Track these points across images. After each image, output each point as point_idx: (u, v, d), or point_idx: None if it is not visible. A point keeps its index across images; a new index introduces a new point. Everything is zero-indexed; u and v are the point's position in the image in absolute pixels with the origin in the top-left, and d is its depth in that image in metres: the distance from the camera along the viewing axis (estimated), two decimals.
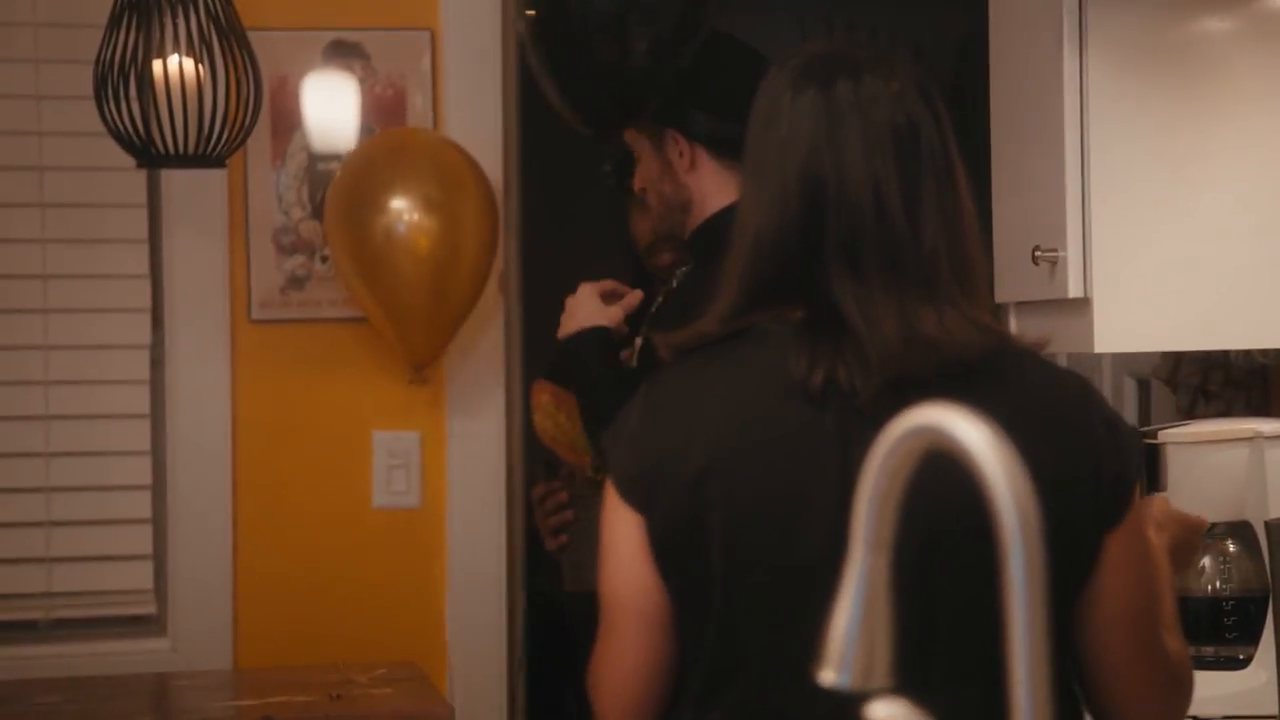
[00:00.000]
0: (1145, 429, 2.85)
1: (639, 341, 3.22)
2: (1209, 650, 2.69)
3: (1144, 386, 3.74)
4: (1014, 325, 2.93)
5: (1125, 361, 3.74)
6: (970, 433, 1.17)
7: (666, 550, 1.95)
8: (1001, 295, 2.91)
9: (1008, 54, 2.86)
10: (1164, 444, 2.73)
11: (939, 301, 1.93)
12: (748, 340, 1.98)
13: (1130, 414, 3.80)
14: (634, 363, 3.26)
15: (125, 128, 3.23)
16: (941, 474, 1.34)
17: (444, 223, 3.60)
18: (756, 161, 2.01)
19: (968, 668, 1.87)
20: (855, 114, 1.97)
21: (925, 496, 1.42)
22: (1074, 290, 2.65)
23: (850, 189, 1.95)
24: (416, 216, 3.58)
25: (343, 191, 3.63)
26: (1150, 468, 2.76)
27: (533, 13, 3.44)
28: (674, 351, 2.03)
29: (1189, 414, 3.27)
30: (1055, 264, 2.66)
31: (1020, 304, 2.88)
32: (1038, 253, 2.68)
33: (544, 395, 3.48)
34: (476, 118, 3.79)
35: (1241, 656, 2.69)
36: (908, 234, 1.95)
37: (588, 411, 3.22)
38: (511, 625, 3.77)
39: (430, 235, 3.59)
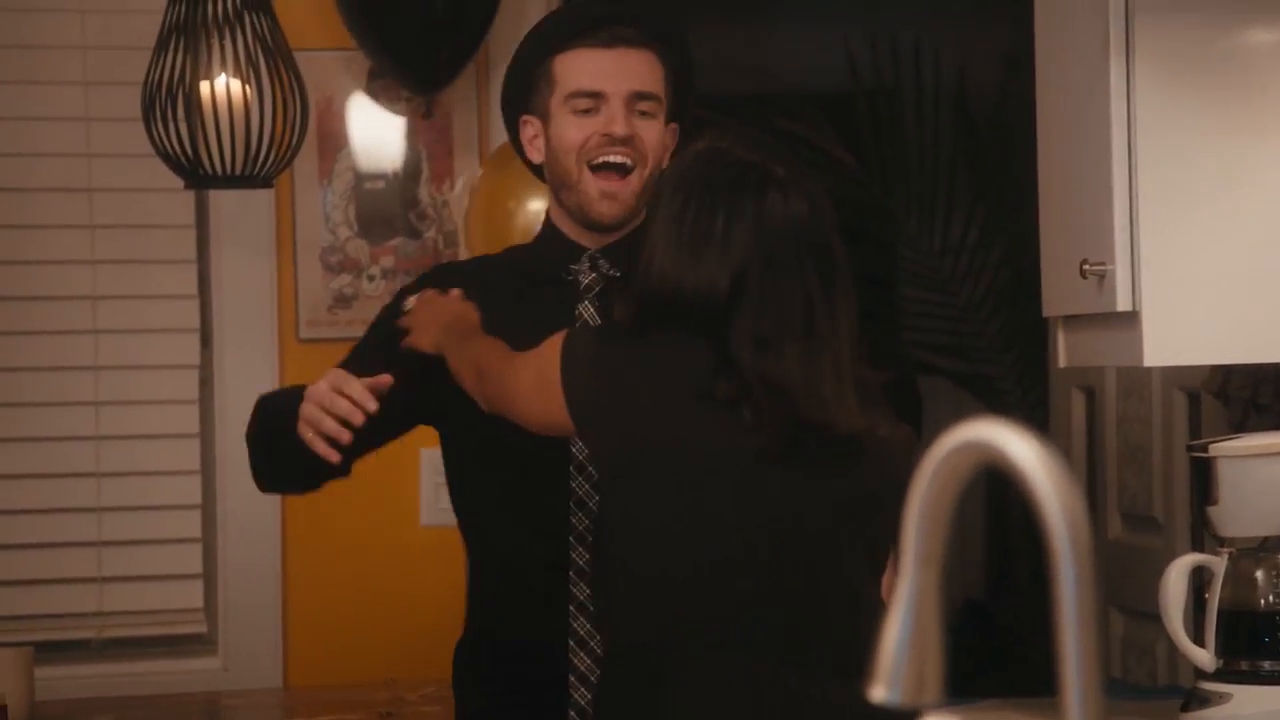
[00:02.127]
0: (1195, 443, 2.84)
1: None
2: (1266, 664, 2.67)
3: (1194, 400, 3.72)
4: (1062, 339, 2.91)
5: (1175, 375, 3.72)
6: (1021, 448, 1.16)
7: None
8: (1049, 309, 2.90)
9: (1054, 67, 2.85)
10: (1215, 457, 2.71)
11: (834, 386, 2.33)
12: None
13: (1180, 427, 3.78)
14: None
15: (173, 149, 3.24)
16: None
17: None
18: (679, 230, 2.34)
19: None
20: (788, 228, 2.34)
21: None
22: (1122, 304, 2.63)
23: (776, 294, 2.32)
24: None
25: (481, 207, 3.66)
26: (1201, 481, 2.74)
27: None
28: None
29: (1239, 427, 3.25)
30: (1104, 277, 2.65)
31: (1068, 318, 2.87)
32: (1086, 266, 2.66)
33: None
34: None
35: None
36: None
37: None
38: None
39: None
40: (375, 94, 3.79)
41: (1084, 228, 2.73)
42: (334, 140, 3.76)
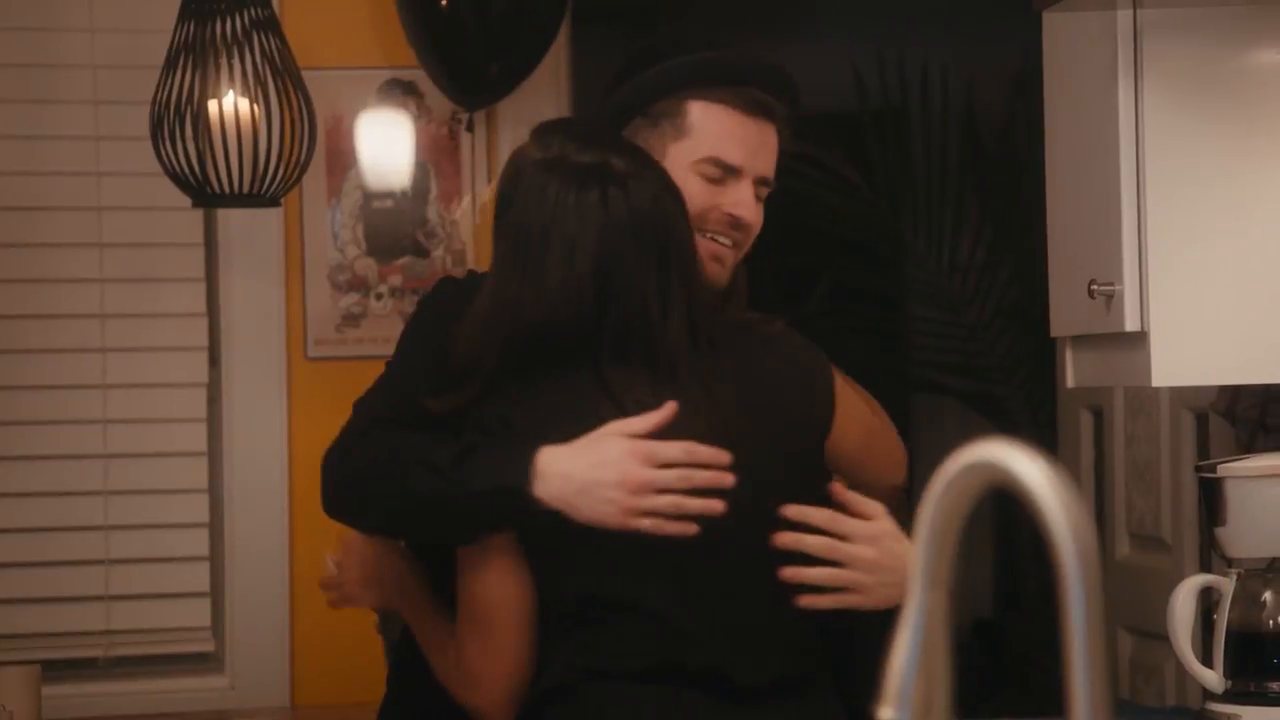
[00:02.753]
0: (1204, 463, 2.83)
1: None
2: (1274, 685, 2.67)
3: (1201, 420, 3.72)
4: (1070, 359, 2.91)
5: (1182, 395, 3.71)
6: (1028, 468, 1.16)
7: None
8: (1057, 329, 2.89)
9: (1062, 87, 2.85)
10: (1223, 478, 2.71)
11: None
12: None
13: (1188, 447, 3.78)
14: None
15: (181, 168, 3.25)
16: None
17: None
18: (527, 251, 2.34)
19: None
20: (630, 221, 2.33)
21: None
22: (1131, 324, 2.63)
23: (628, 293, 2.32)
24: None
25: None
26: (1209, 501, 2.74)
27: None
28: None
29: (1248, 448, 3.25)
30: (1112, 297, 2.65)
31: (1076, 338, 2.87)
32: (1094, 286, 2.66)
33: None
34: None
35: None
36: (660, 328, 2.33)
37: None
38: None
39: None
40: (391, 105, 3.79)
41: (1092, 248, 2.73)
42: (342, 159, 3.77)
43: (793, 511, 2.32)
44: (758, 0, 5.44)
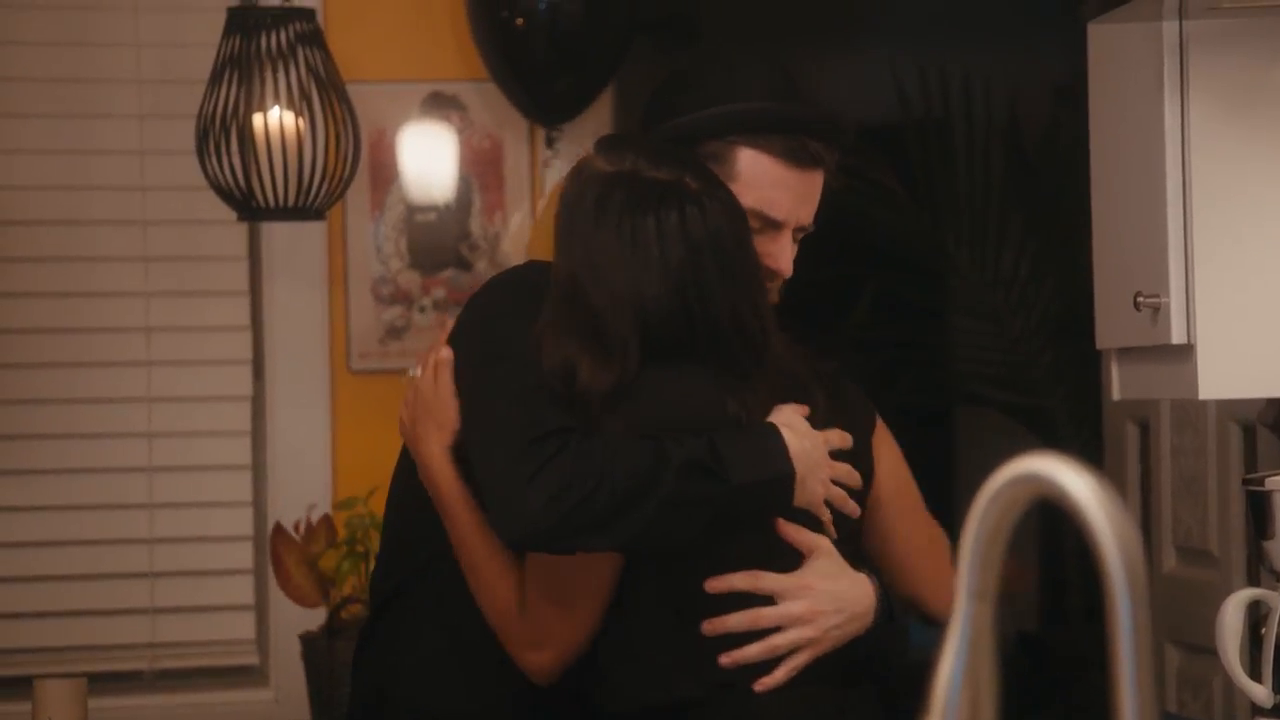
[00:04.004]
0: (1251, 476, 2.82)
1: None
2: None
3: (1248, 432, 3.70)
4: (1116, 372, 2.89)
5: (1229, 407, 3.69)
6: (1076, 481, 1.16)
7: None
8: (1103, 341, 2.88)
9: (1107, 99, 2.84)
10: (1271, 491, 2.69)
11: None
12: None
13: (1235, 460, 3.75)
14: None
15: (226, 181, 3.26)
16: None
17: None
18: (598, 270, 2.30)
19: None
20: (709, 240, 2.31)
21: None
22: (1177, 336, 2.62)
23: (719, 310, 2.31)
24: None
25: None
26: (1257, 514, 2.72)
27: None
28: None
29: None
30: (1158, 310, 2.64)
31: (1122, 350, 2.85)
32: (1140, 298, 2.65)
33: None
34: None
35: None
36: (761, 339, 2.35)
37: None
38: None
39: None
40: (434, 118, 3.81)
41: (1138, 260, 2.71)
42: (386, 172, 3.78)
43: (713, 585, 2.30)
44: (800, 13, 5.43)
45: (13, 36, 3.75)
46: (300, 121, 3.25)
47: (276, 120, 3.25)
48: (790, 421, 2.32)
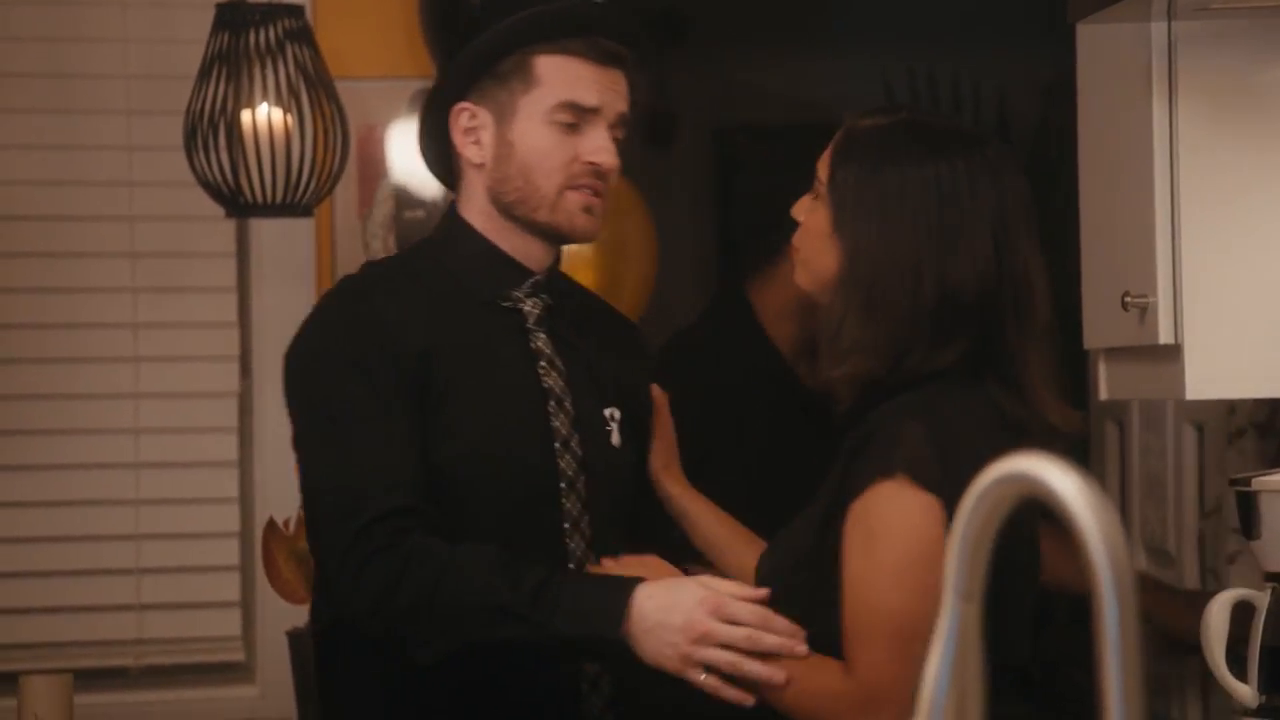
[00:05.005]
0: (1239, 476, 2.82)
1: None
2: None
3: (1202, 433, 3.70)
4: (1103, 372, 2.90)
5: (1185, 408, 3.70)
6: (1063, 481, 1.16)
7: None
8: (1091, 341, 2.88)
9: (1096, 99, 2.84)
10: (1258, 491, 2.69)
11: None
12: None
13: (1189, 461, 3.76)
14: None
15: (214, 177, 3.26)
16: None
17: (607, 251, 3.63)
18: (929, 218, 2.18)
19: None
20: (1014, 190, 2.24)
21: None
22: (1165, 336, 2.62)
23: (1020, 266, 2.24)
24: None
25: None
26: (1244, 514, 2.72)
27: None
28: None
29: (1274, 462, 3.23)
30: (1145, 310, 2.64)
31: (1110, 350, 2.86)
32: (1127, 298, 2.65)
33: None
34: None
35: None
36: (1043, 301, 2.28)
37: None
38: None
39: (592, 265, 3.63)
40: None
41: (1126, 260, 2.72)
42: (374, 169, 3.77)
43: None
44: (787, 14, 5.43)
45: (0, 31, 3.74)
46: (289, 118, 3.25)
47: (265, 116, 3.25)
48: (680, 583, 2.18)
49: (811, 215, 2.27)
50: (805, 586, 2.21)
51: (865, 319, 2.19)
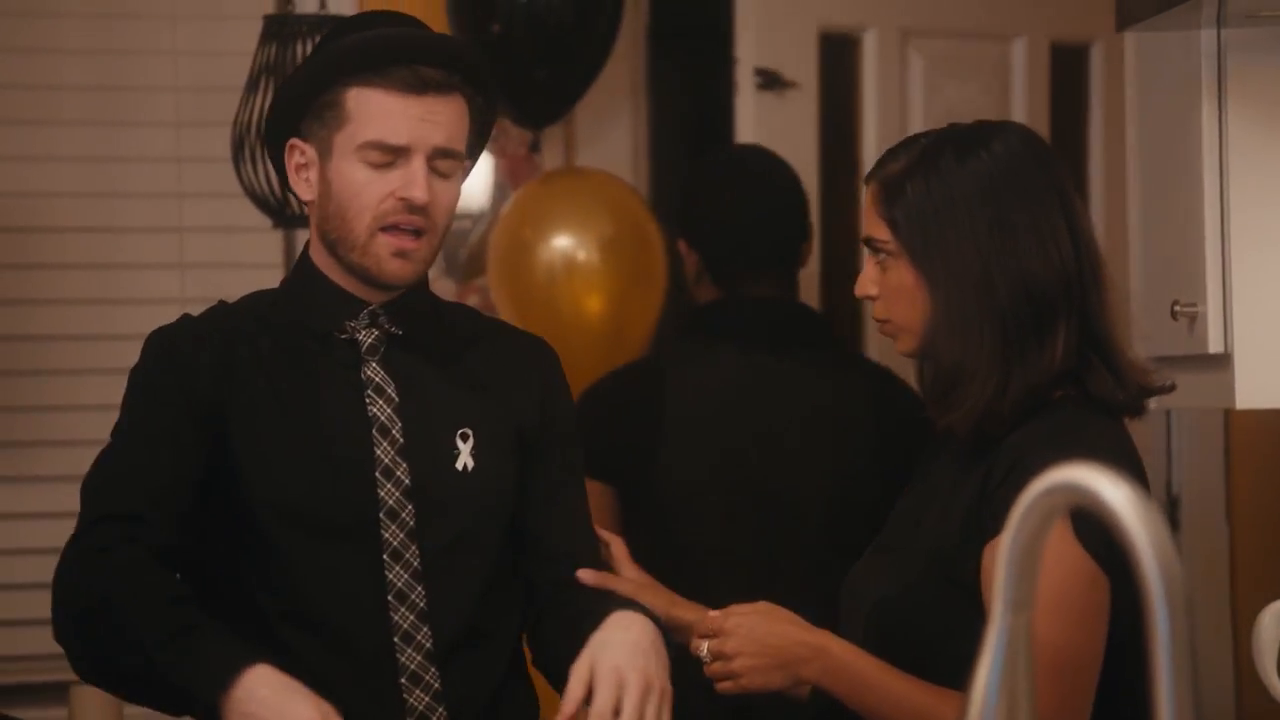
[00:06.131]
0: None
1: None
2: None
3: None
4: None
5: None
6: (1113, 491, 1.15)
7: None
8: (1139, 350, 2.87)
9: (1145, 106, 2.83)
10: None
11: None
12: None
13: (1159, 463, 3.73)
14: None
15: (262, 189, 3.27)
16: None
17: (619, 264, 3.62)
18: (1017, 216, 2.18)
19: None
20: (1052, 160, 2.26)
21: None
22: (1214, 345, 2.61)
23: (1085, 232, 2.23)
24: (587, 256, 3.58)
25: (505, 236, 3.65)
26: None
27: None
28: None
29: None
30: (1194, 319, 2.63)
31: (1159, 359, 2.84)
32: (1176, 307, 2.64)
33: None
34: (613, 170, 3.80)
35: None
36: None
37: None
38: None
39: (603, 278, 3.61)
40: None
41: (1175, 269, 2.71)
42: None
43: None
44: None
45: (50, 44, 3.77)
46: None
47: None
48: (301, 695, 2.02)
49: (889, 276, 2.23)
50: (922, 620, 2.18)
51: (967, 339, 2.16)
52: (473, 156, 2.37)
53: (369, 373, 2.32)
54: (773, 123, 3.78)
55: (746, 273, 3.29)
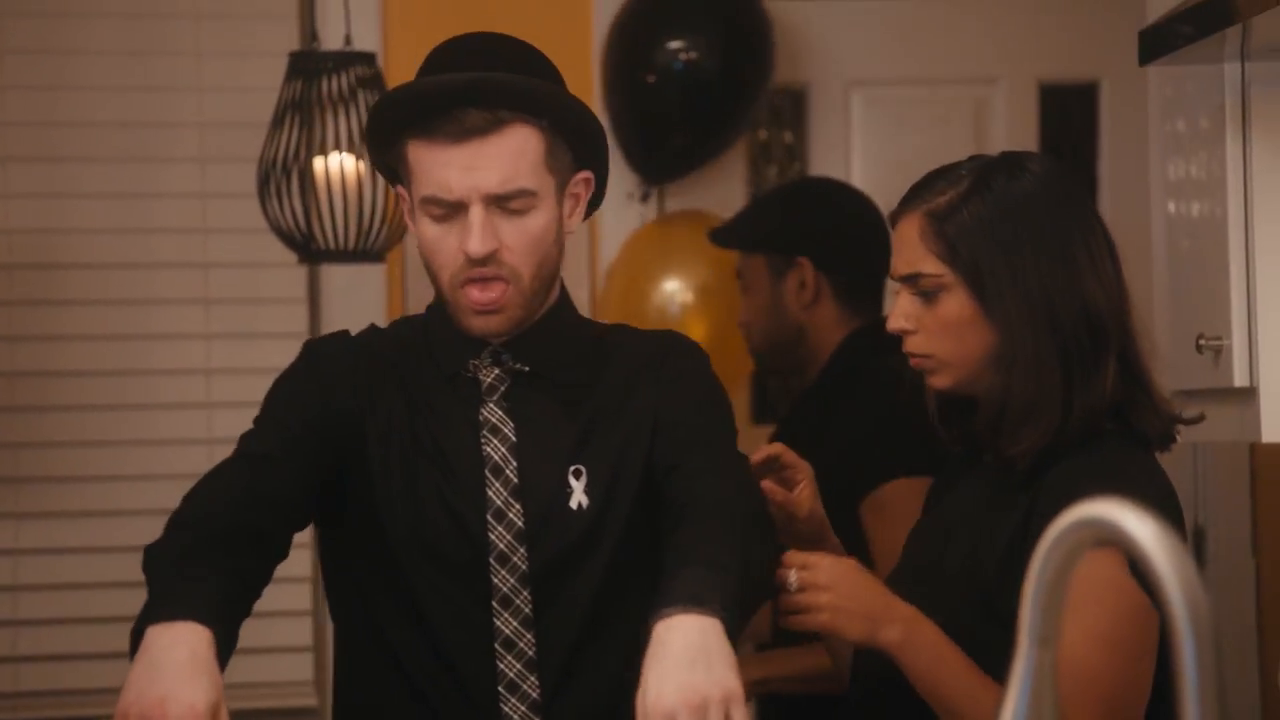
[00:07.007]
0: None
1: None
2: None
3: None
4: None
5: None
6: (1139, 527, 1.15)
7: None
8: (1165, 384, 2.86)
9: (1169, 140, 2.83)
10: None
11: None
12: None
13: None
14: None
15: (287, 224, 3.28)
16: None
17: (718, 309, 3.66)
18: (1074, 249, 2.17)
19: None
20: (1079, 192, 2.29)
21: None
22: (1239, 379, 2.60)
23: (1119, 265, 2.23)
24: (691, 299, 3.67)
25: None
26: None
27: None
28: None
29: None
30: (1220, 352, 2.62)
31: (1183, 392, 2.84)
32: (1202, 341, 2.63)
33: None
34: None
35: None
36: None
37: None
38: None
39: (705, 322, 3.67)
40: None
41: (1200, 302, 2.70)
42: None
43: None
44: None
45: (76, 81, 3.79)
46: (361, 165, 3.27)
47: (337, 164, 3.27)
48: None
49: (937, 310, 2.20)
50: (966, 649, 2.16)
51: (1040, 372, 2.15)
52: (587, 167, 2.28)
53: (485, 412, 2.28)
54: None
55: (879, 293, 3.34)
